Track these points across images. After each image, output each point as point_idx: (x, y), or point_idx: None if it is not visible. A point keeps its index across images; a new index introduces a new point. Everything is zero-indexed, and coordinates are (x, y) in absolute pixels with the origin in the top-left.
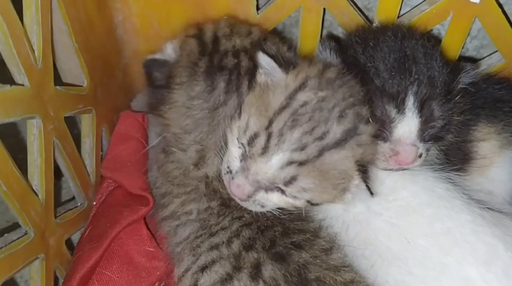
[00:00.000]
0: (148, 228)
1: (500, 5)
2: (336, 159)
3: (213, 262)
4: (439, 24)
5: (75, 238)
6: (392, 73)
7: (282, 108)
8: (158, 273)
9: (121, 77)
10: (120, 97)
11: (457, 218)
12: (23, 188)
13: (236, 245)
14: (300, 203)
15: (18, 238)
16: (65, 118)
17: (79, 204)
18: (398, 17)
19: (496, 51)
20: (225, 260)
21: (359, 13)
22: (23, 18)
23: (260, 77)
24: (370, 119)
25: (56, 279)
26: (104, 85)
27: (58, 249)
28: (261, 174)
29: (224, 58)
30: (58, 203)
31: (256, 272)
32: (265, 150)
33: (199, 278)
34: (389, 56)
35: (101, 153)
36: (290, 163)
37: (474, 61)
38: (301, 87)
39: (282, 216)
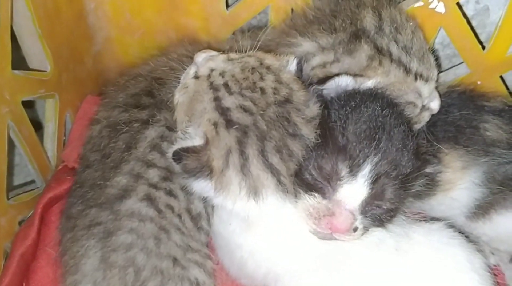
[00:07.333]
0: None
1: (466, 16)
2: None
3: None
4: None
5: None
6: (360, 137)
7: None
8: None
9: (91, 64)
10: (89, 83)
11: None
12: None
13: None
14: (178, 93)
15: None
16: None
17: (38, 186)
18: None
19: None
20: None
21: None
22: None
23: None
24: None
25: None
26: (71, 71)
27: (10, 229)
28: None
29: None
30: (20, 184)
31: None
32: None
33: None
34: (364, 123)
35: (64, 138)
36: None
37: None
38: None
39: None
